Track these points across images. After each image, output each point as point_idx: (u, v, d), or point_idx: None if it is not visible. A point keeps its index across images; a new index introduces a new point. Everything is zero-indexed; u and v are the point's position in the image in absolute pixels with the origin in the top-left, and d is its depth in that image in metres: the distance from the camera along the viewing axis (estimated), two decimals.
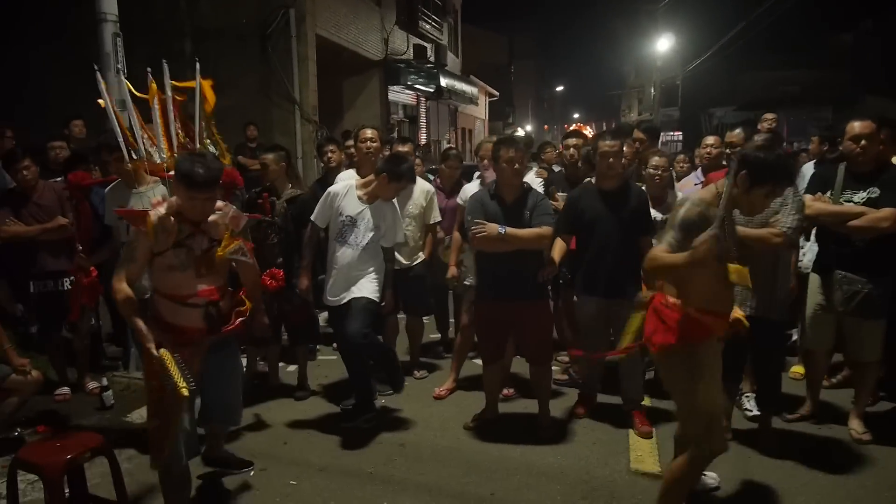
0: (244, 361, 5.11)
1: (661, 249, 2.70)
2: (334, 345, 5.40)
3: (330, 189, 4.29)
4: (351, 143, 5.28)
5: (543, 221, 3.91)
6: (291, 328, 4.79)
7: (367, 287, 4.15)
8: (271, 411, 4.57)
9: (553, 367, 4.42)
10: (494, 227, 3.83)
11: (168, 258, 2.89)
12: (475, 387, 4.69)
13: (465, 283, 4.69)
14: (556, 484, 3.56)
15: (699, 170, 5.30)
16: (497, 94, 29.57)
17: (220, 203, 2.98)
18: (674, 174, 5.39)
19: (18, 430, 4.07)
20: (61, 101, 8.19)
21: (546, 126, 52.17)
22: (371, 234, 4.14)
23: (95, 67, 3.67)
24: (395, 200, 4.31)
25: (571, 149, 5.23)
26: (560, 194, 4.83)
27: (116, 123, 3.38)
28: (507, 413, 4.47)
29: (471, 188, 4.85)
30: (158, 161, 3.42)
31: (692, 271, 2.59)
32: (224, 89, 3.00)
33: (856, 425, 4.04)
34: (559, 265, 4.16)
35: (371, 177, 4.23)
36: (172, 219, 2.86)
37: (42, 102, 9.58)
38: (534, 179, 4.92)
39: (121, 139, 3.40)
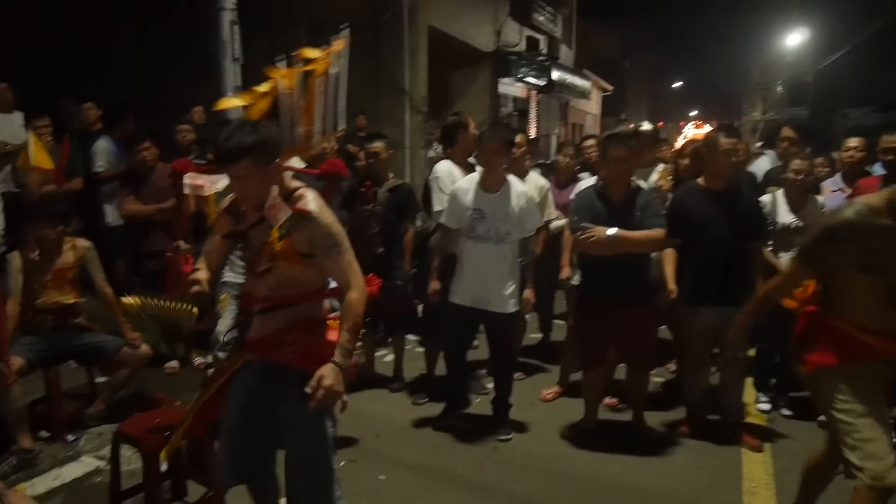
0: None
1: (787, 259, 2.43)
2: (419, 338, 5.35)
3: (454, 189, 4.08)
4: None
5: (655, 223, 3.67)
6: (389, 318, 4.75)
7: (508, 301, 3.94)
8: (365, 401, 4.55)
9: (657, 379, 4.15)
10: (603, 231, 3.61)
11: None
12: (579, 393, 4.46)
13: (573, 282, 4.46)
14: None
15: (838, 175, 4.81)
16: (610, 88, 28.72)
17: (303, 190, 2.40)
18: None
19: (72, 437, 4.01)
20: (167, 87, 8.53)
21: (661, 122, 50.27)
22: (503, 225, 3.90)
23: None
24: (522, 188, 4.05)
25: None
26: None
27: None
28: (607, 422, 4.24)
29: (586, 184, 4.62)
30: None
31: (852, 282, 2.28)
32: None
33: None
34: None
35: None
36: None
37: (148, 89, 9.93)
38: (536, 178, 4.72)
39: None
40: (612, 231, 3.60)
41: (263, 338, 2.41)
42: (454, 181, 4.26)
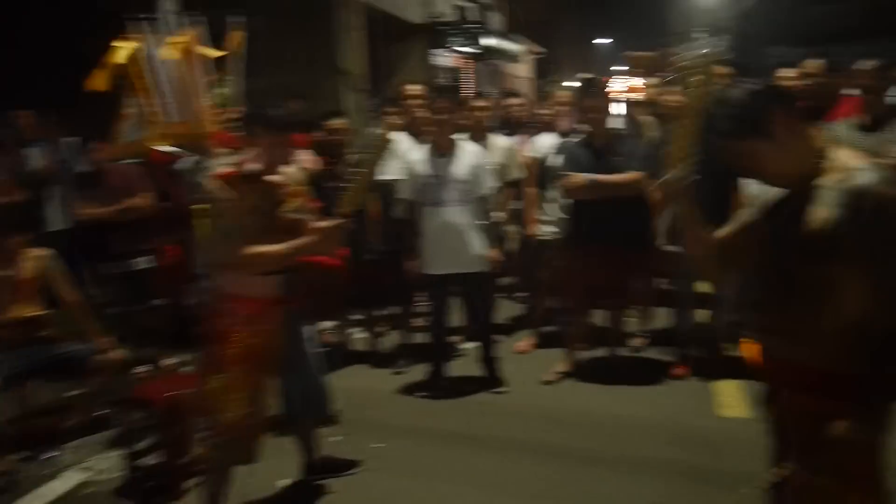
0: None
1: None
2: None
3: (408, 161, 4.15)
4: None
5: (634, 166, 3.83)
6: (368, 294, 4.75)
7: (480, 259, 4.03)
8: (347, 378, 4.58)
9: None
10: (581, 176, 3.78)
11: (250, 221, 2.67)
12: (554, 343, 4.62)
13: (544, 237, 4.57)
14: (645, 433, 3.50)
15: None
16: (544, 50, 28.89)
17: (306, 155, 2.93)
18: None
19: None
20: None
21: (605, 79, 50.63)
22: (461, 186, 3.97)
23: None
24: (472, 148, 4.15)
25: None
26: None
27: None
28: (585, 364, 4.39)
29: (543, 140, 4.73)
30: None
31: None
32: (270, 63, 2.91)
33: None
34: None
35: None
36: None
37: None
38: (498, 139, 4.79)
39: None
40: (591, 176, 3.75)
41: None
42: (404, 150, 4.35)
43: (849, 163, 1.63)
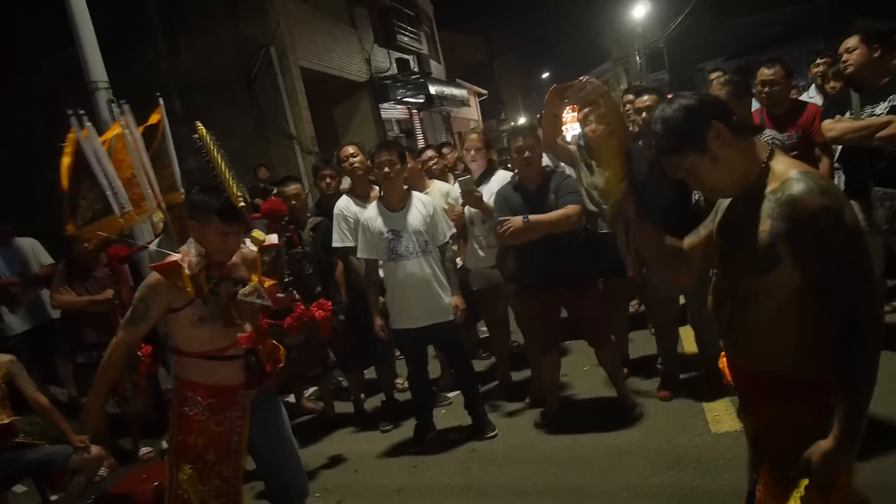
0: (292, 399, 5.12)
1: None
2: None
3: (362, 221, 4.13)
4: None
5: (569, 200, 3.79)
6: (341, 355, 4.73)
7: (448, 308, 4.00)
8: (334, 444, 4.51)
9: None
10: (518, 219, 3.75)
11: (196, 309, 2.63)
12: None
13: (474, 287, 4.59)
14: (640, 459, 3.46)
15: None
16: (485, 92, 29.51)
17: (273, 237, 2.90)
18: None
19: None
20: None
21: (539, 115, 51.78)
22: (420, 238, 3.95)
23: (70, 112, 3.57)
24: (424, 197, 4.16)
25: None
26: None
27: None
28: (569, 399, 4.38)
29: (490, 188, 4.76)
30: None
31: None
32: (219, 138, 2.90)
33: None
34: None
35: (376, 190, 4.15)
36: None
37: None
38: (440, 185, 4.85)
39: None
40: (525, 217, 3.73)
41: None
42: (353, 214, 4.36)
43: (785, 172, 1.64)
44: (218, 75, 10.58)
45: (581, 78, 3.58)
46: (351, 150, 4.59)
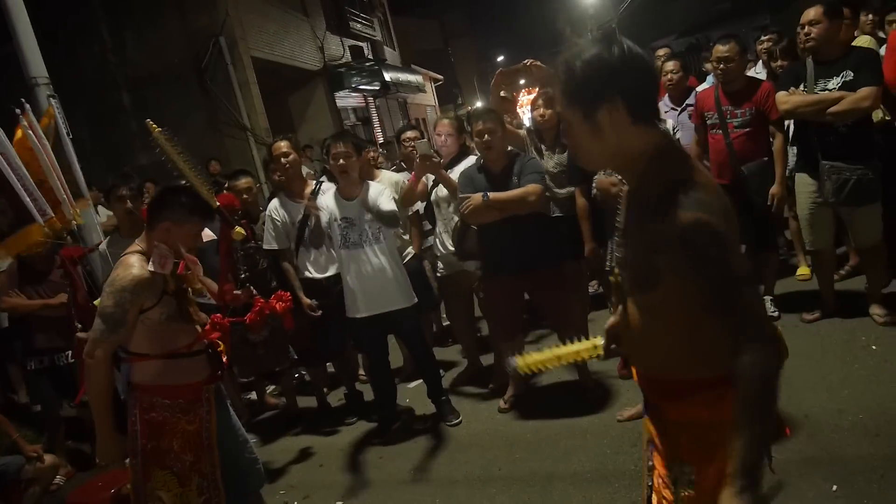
0: (254, 396, 5.07)
1: None
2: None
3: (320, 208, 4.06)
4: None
5: (530, 180, 3.77)
6: (300, 351, 4.67)
7: (404, 294, 4.00)
8: (299, 439, 4.46)
9: None
10: (478, 196, 3.73)
11: (164, 307, 2.60)
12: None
13: (439, 273, 4.65)
14: (603, 438, 3.50)
15: (666, 96, 5.21)
16: (441, 77, 29.39)
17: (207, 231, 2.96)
18: None
19: None
20: None
21: None
22: (373, 225, 3.91)
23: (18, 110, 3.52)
24: (377, 185, 4.10)
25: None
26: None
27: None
28: (533, 386, 4.38)
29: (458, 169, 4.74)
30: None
31: None
32: (172, 132, 2.82)
33: (877, 310, 4.03)
34: None
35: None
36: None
37: None
38: (389, 175, 4.82)
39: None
40: (485, 195, 3.71)
41: None
42: (281, 217, 4.28)
43: (664, 173, 1.49)
44: (168, 68, 10.35)
45: (526, 61, 3.58)
46: (284, 148, 4.32)
